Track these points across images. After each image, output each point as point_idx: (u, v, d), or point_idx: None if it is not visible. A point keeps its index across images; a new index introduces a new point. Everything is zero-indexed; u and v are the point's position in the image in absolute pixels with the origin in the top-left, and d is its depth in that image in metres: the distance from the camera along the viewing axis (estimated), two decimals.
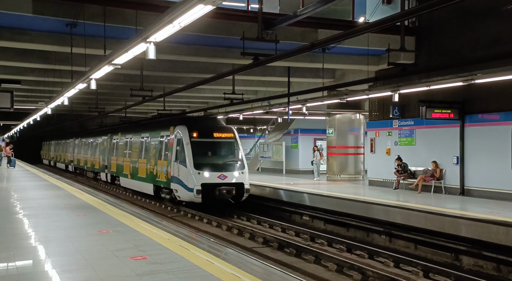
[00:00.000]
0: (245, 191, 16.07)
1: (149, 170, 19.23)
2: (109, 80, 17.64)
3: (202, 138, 16.50)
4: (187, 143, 16.05)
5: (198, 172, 15.55)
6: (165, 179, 17.24)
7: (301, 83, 20.86)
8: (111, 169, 25.62)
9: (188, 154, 15.85)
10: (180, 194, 16.17)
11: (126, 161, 22.76)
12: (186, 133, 16.27)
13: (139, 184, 20.52)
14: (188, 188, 15.59)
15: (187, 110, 29.81)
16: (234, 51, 14.30)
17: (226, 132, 17.08)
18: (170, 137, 17.23)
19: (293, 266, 9.56)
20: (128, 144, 22.80)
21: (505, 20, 13.35)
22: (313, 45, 9.23)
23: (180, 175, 16.05)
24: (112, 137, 26.16)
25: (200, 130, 16.60)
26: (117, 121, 32.62)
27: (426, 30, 15.87)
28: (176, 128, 16.89)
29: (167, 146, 17.51)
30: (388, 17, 7.98)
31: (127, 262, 6.38)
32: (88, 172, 32.25)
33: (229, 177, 15.90)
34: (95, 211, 11.21)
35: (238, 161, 16.62)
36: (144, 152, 20.19)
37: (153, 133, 19.47)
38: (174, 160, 16.51)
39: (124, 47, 8.94)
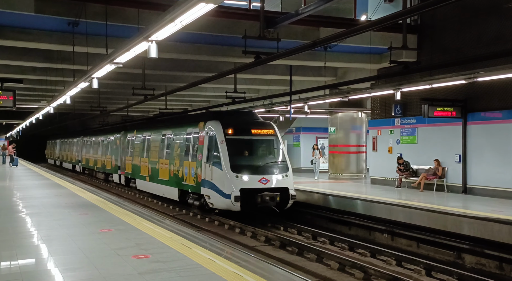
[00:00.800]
0: (290, 197, 13.74)
1: (172, 172, 16.96)
2: (111, 79, 17.65)
3: (238, 135, 14.16)
4: (221, 141, 13.73)
5: (235, 175, 13.29)
6: (194, 183, 14.96)
7: (303, 82, 20.83)
8: (125, 170, 23.41)
9: (223, 153, 13.58)
10: (213, 201, 13.89)
11: (143, 161, 20.34)
12: (220, 129, 13.96)
13: (160, 188, 18.15)
14: (224, 194, 13.31)
15: (189, 109, 29.84)
16: (236, 50, 14.29)
17: (265, 128, 14.68)
18: (200, 134, 14.93)
19: (295, 264, 9.56)
20: (146, 142, 20.47)
21: (507, 18, 13.31)
22: (315, 44, 9.22)
23: (213, 178, 13.77)
24: (126, 135, 23.82)
25: (236, 126, 14.23)
26: (131, 119, 30.85)
27: (428, 28, 15.83)
28: (207, 124, 14.56)
29: (195, 144, 15.23)
30: (390, 15, 7.96)
31: (129, 260, 6.39)
32: (98, 173, 30.08)
33: (271, 180, 13.60)
34: (97, 210, 11.23)
35: (281, 161, 14.33)
36: (166, 151, 17.92)
37: (178, 130, 17.17)
38: (206, 160, 14.23)
39: (126, 46, 8.94)
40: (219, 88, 22.31)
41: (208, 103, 28.79)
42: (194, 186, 15.03)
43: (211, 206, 14.23)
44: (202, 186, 14.43)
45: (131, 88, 17.91)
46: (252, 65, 11.09)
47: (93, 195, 14.88)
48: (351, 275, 8.91)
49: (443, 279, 8.82)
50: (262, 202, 13.25)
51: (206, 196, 14.22)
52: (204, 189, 14.31)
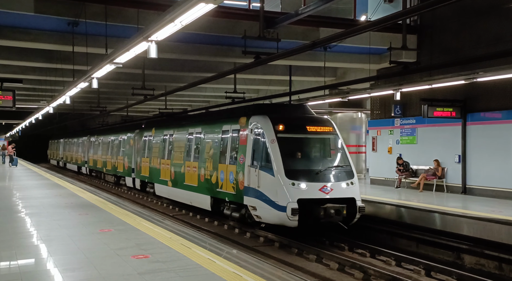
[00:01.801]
0: (358, 210, 11.13)
1: (203, 177, 14.35)
2: (110, 79, 17.67)
3: (292, 133, 11.76)
4: (272, 140, 11.30)
5: (291, 183, 10.76)
6: (233, 191, 12.42)
7: (303, 82, 20.85)
8: (141, 173, 20.64)
9: (275, 155, 11.09)
10: (261, 213, 11.30)
11: (164, 163, 17.73)
12: (270, 126, 11.53)
13: (187, 195, 15.68)
14: (277, 206, 10.73)
15: (189, 109, 29.85)
16: (235, 50, 14.30)
17: (323, 124, 12.24)
18: (241, 132, 12.43)
19: (294, 264, 9.56)
20: (167, 142, 17.85)
21: (507, 18, 13.32)
22: (314, 44, 9.23)
23: (261, 186, 11.23)
24: (142, 134, 21.14)
25: (288, 122, 11.81)
26: (149, 115, 28.22)
27: (428, 29, 15.85)
28: (252, 119, 12.10)
29: (235, 144, 12.72)
30: (389, 15, 7.96)
31: (129, 260, 6.39)
32: (108, 175, 27.27)
33: (335, 189, 11.03)
34: (97, 210, 11.23)
35: (345, 165, 11.77)
36: (194, 152, 15.27)
37: (210, 128, 14.55)
38: (250, 163, 11.69)
39: (125, 46, 8.95)
40: (218, 88, 22.32)
41: (208, 103, 28.80)
42: (234, 194, 12.39)
43: (257, 219, 11.59)
44: (245, 195, 11.83)
45: (131, 88, 17.92)
46: (252, 66, 11.10)
47: (92, 195, 14.87)
48: (350, 275, 8.91)
49: (442, 279, 8.83)
50: (325, 216, 10.61)
51: (250, 207, 11.61)
52: (248, 199, 11.68)
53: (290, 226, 10.83)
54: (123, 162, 23.58)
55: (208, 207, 14.21)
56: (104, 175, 28.38)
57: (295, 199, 10.62)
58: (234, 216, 12.90)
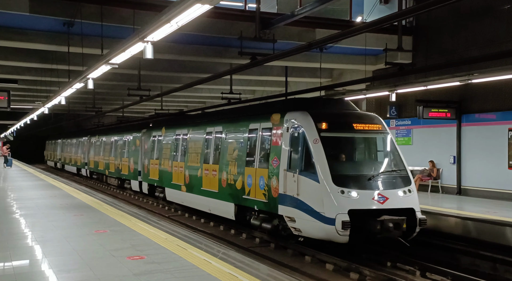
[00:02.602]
0: (418, 223, 9.47)
1: (225, 181, 12.69)
2: (106, 79, 17.62)
3: (337, 132, 10.25)
4: (315, 140, 9.71)
5: (340, 190, 9.19)
6: (264, 198, 10.88)
7: (299, 83, 20.88)
8: (149, 177, 18.96)
9: (319, 158, 9.52)
10: (302, 226, 9.71)
11: (177, 166, 16.05)
12: (311, 124, 9.95)
13: (205, 201, 13.91)
14: (323, 218, 9.14)
15: (185, 109, 29.82)
16: (231, 51, 14.32)
17: (372, 121, 10.61)
18: (275, 131, 10.85)
19: (290, 265, 9.56)
20: (180, 142, 16.19)
21: (501, 20, 13.40)
22: (310, 45, 9.24)
23: (302, 193, 9.64)
24: (150, 134, 19.42)
25: (332, 120, 10.27)
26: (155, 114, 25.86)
27: (423, 30, 15.92)
28: (288, 116, 10.53)
29: (265, 144, 11.22)
30: (385, 17, 8.00)
31: (124, 261, 6.37)
32: (111, 178, 25.63)
33: (391, 198, 9.41)
34: (92, 211, 11.20)
35: (400, 169, 10.14)
36: (214, 153, 13.60)
37: (234, 126, 12.86)
38: (288, 167, 10.09)
39: (121, 46, 8.94)
40: (214, 89, 22.33)
41: (204, 104, 28.79)
42: (265, 203, 10.88)
43: (295, 232, 10.00)
44: (280, 203, 10.24)
45: (127, 89, 17.89)
46: (248, 66, 11.11)
47: (88, 196, 14.83)
48: (346, 276, 8.92)
49: (437, 280, 8.85)
50: (382, 230, 9.05)
51: (287, 217, 10.08)
52: (284, 208, 10.12)
53: (339, 241, 9.14)
54: (128, 164, 21.88)
55: (231, 216, 12.39)
56: (106, 178, 26.81)
57: (346, 209, 9.01)
58: (264, 227, 11.28)
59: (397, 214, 9.32)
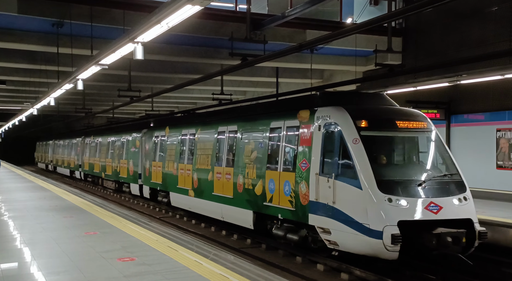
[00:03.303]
0: (477, 236, 8.22)
1: (241, 186, 11.55)
2: (96, 80, 17.53)
3: (380, 130, 9.03)
4: (354, 140, 8.54)
5: (387, 198, 7.98)
6: (291, 206, 9.71)
7: (290, 84, 20.93)
8: (150, 180, 17.79)
9: (361, 160, 8.35)
10: (339, 239, 8.57)
11: (184, 168, 14.85)
12: (349, 121, 8.79)
13: (217, 208, 12.69)
14: (368, 230, 7.96)
15: (176, 110, 29.76)
16: (222, 52, 14.32)
17: (416, 118, 9.38)
18: (303, 130, 9.59)
19: (281, 266, 9.57)
20: (186, 142, 14.94)
21: (489, 22, 13.56)
22: (301, 46, 9.28)
23: (340, 201, 8.49)
24: (152, 134, 18.27)
25: (372, 116, 9.05)
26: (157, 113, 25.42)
27: (413, 32, 16.05)
28: (320, 112, 9.31)
29: (292, 145, 9.98)
30: (375, 18, 8.06)
31: (114, 263, 6.34)
32: (108, 181, 24.39)
33: (445, 207, 8.18)
34: (82, 213, 11.12)
35: (453, 173, 8.93)
36: (227, 155, 12.44)
37: (251, 125, 11.68)
38: (320, 171, 8.95)
39: (111, 47, 8.91)
40: (205, 90, 22.30)
41: (195, 105, 28.74)
42: (292, 211, 9.71)
43: (329, 245, 8.88)
44: (310, 212, 9.12)
45: (117, 90, 17.80)
46: (239, 67, 11.12)
47: (77, 197, 14.72)
48: (336, 277, 8.95)
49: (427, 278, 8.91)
50: (439, 245, 7.85)
51: (319, 228, 8.96)
52: (316, 218, 9.00)
53: (387, 258, 7.93)
54: (127, 166, 20.65)
55: (249, 225, 11.29)
56: (102, 181, 25.47)
57: (395, 221, 7.79)
58: (290, 239, 10.06)
59: (452, 225, 8.13)
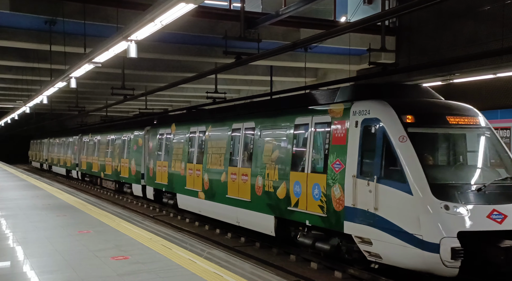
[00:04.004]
0: None
1: (261, 189, 10.70)
2: (89, 78, 17.44)
3: (429, 127, 8.03)
4: (401, 137, 7.54)
5: (444, 205, 6.99)
6: (321, 211, 8.81)
7: (284, 82, 20.93)
8: (155, 180, 16.89)
9: (410, 161, 7.37)
10: (384, 251, 7.57)
11: (193, 169, 13.95)
12: (394, 116, 7.80)
13: (232, 212, 11.82)
14: (421, 242, 6.92)
15: (170, 109, 29.69)
16: (216, 50, 14.29)
17: (467, 113, 8.43)
18: (336, 126, 8.70)
19: (275, 264, 9.60)
20: (196, 141, 14.11)
21: (481, 21, 13.63)
22: (295, 44, 9.27)
23: (384, 207, 7.53)
24: (156, 132, 17.39)
25: (419, 111, 8.04)
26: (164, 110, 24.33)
27: (406, 30, 16.09)
28: (356, 106, 8.40)
29: (322, 143, 9.07)
30: (368, 17, 8.06)
31: (108, 262, 6.33)
32: (107, 181, 23.43)
33: (510, 215, 7.12)
34: (76, 211, 11.08)
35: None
36: (244, 154, 11.60)
37: (272, 121, 10.85)
38: (358, 173, 8.05)
39: (104, 45, 8.87)
40: (199, 88, 22.26)
41: (189, 103, 28.68)
42: (322, 217, 8.79)
43: (370, 257, 7.93)
44: (346, 219, 8.19)
45: (110, 88, 17.73)
46: (233, 66, 11.10)
47: (71, 196, 14.66)
48: (330, 275, 8.98)
49: None
50: (508, 261, 6.71)
51: (357, 238, 8.02)
52: (353, 226, 8.07)
53: (445, 275, 6.88)
54: (128, 165, 19.69)
55: (270, 231, 10.39)
56: (101, 181, 24.45)
57: (454, 232, 6.77)
58: (319, 248, 9.15)
59: None
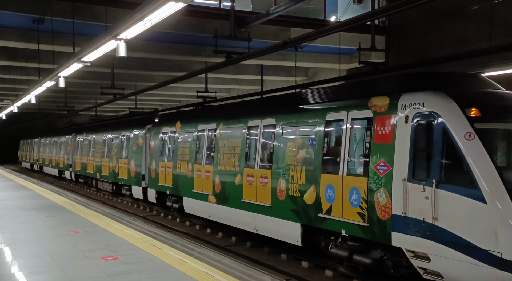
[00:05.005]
0: None
1: (284, 193, 9.59)
2: (78, 78, 17.31)
3: (499, 122, 7.07)
4: (467, 134, 6.53)
5: None
6: (362, 220, 7.78)
7: (274, 82, 20.94)
8: (158, 182, 15.67)
9: (481, 162, 6.37)
10: (447, 269, 6.56)
11: (201, 170, 12.86)
12: (456, 110, 6.78)
13: (249, 218, 10.74)
14: (499, 261, 5.97)
15: (160, 108, 29.56)
16: (207, 49, 14.25)
17: None
18: (380, 122, 7.68)
19: (266, 263, 9.59)
20: (205, 139, 12.97)
21: (469, 20, 13.75)
22: (285, 44, 9.26)
23: (446, 217, 6.52)
24: (158, 130, 16.19)
25: (486, 104, 7.04)
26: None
27: (396, 30, 16.19)
28: (406, 99, 7.39)
29: (360, 142, 8.24)
30: (358, 16, 8.09)
31: (97, 262, 6.28)
32: (104, 182, 22.26)
33: None
34: (65, 212, 10.99)
35: None
36: (262, 154, 10.59)
37: (296, 117, 9.79)
38: (410, 176, 7.01)
39: (93, 44, 8.80)
40: (190, 87, 22.20)
41: (179, 103, 28.58)
42: (363, 227, 7.76)
43: (427, 275, 6.91)
44: (394, 230, 7.22)
45: (100, 88, 17.60)
46: (223, 65, 11.07)
47: (60, 196, 14.53)
48: (321, 274, 9.01)
49: None
50: None
51: (410, 252, 7.05)
52: (403, 237, 7.09)
53: None
54: (127, 166, 18.62)
55: (296, 240, 9.33)
56: (96, 182, 23.23)
57: None
58: (359, 261, 8.06)
59: None
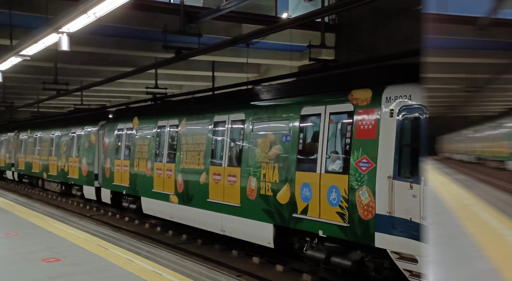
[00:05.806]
0: None
1: (255, 192, 9.11)
2: (18, 72, 16.46)
3: None
4: None
5: None
6: (342, 220, 7.43)
7: (226, 78, 20.85)
8: (113, 182, 14.63)
9: None
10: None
11: (162, 168, 12.11)
12: None
13: (215, 218, 10.14)
14: None
15: (108, 105, 28.71)
16: (156, 44, 13.94)
17: None
18: (361, 117, 7.36)
19: (218, 261, 9.52)
20: (166, 136, 12.27)
21: (415, 20, 14.23)
22: (236, 40, 9.23)
23: None
24: (113, 127, 15.12)
25: None
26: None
27: (345, 28, 16.53)
28: (391, 91, 7.23)
29: (339, 137, 7.96)
30: (308, 13, 8.18)
31: (38, 265, 5.99)
32: (52, 183, 20.73)
33: None
34: (3, 213, 10.44)
35: None
36: (230, 151, 10.01)
37: (268, 113, 9.31)
38: (396, 174, 6.79)
39: (33, 37, 8.40)
40: (139, 83, 21.70)
41: (128, 99, 27.88)
42: (343, 227, 7.33)
43: (413, 278, 6.58)
44: (378, 230, 6.84)
45: (42, 83, 16.84)
46: (173, 61, 10.89)
47: None
48: (271, 269, 9.04)
49: None
50: None
51: (395, 253, 6.71)
52: (389, 238, 6.72)
53: None
54: (78, 165, 17.49)
55: (268, 242, 8.84)
56: (43, 182, 21.83)
57: None
58: (338, 264, 7.62)
59: None
